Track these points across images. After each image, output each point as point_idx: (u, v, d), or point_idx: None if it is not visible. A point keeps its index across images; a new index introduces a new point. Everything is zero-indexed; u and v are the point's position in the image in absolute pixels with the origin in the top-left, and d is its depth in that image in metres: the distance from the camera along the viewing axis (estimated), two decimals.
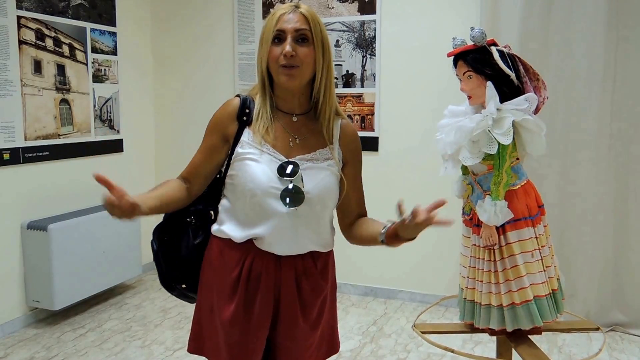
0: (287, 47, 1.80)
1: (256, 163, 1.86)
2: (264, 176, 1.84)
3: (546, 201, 4.20)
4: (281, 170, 1.85)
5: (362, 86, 4.90)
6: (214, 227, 1.98)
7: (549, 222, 4.17)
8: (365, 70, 4.88)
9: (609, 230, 4.23)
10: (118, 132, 5.17)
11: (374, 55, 4.84)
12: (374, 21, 4.81)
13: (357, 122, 4.90)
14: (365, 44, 4.85)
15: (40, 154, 4.39)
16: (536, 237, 2.50)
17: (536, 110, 2.54)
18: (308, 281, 1.95)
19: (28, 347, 3.98)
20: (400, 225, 1.75)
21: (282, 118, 1.93)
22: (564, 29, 4.19)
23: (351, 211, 2.02)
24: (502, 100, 2.44)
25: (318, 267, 1.98)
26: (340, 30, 4.91)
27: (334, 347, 2.14)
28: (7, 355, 3.87)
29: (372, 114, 4.88)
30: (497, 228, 2.46)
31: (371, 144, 4.85)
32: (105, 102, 5.02)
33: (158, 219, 2.07)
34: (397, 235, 1.79)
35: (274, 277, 1.90)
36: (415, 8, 4.69)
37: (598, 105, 4.15)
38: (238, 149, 1.90)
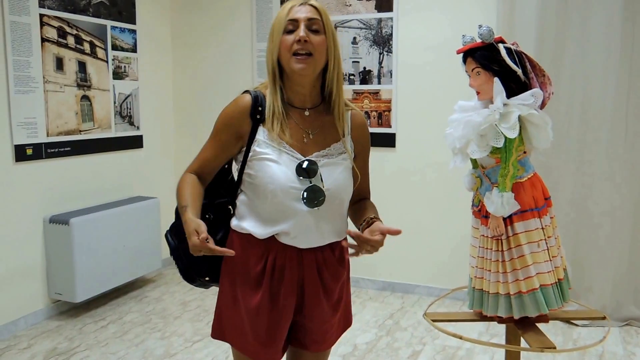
0: (301, 32, 1.84)
1: (276, 164, 1.89)
2: (284, 177, 1.87)
3: (563, 197, 4.25)
4: (299, 170, 1.88)
5: (379, 83, 4.94)
6: (234, 222, 2.01)
7: (566, 217, 4.24)
8: (382, 67, 4.92)
9: (626, 225, 4.23)
10: (138, 128, 5.25)
11: (391, 52, 4.87)
12: (391, 18, 4.84)
13: (374, 118, 4.94)
14: (382, 41, 4.89)
15: (62, 149, 4.47)
16: (542, 228, 2.54)
17: (542, 105, 2.58)
18: (328, 269, 2.01)
19: (51, 338, 4.07)
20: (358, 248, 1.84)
21: (294, 113, 1.96)
22: (580, 26, 4.19)
23: (353, 195, 2.06)
24: (509, 96, 2.49)
25: (336, 255, 2.04)
26: (357, 28, 4.95)
27: (348, 322, 2.23)
28: (31, 346, 3.96)
29: (389, 111, 4.92)
30: (504, 219, 2.51)
31: (388, 140, 4.88)
32: (125, 98, 5.10)
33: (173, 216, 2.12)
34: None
35: (297, 269, 1.96)
36: (432, 5, 4.72)
37: (613, 104, 4.16)
38: (255, 148, 1.92)
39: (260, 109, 1.94)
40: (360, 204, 2.08)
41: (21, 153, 4.15)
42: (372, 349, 3.92)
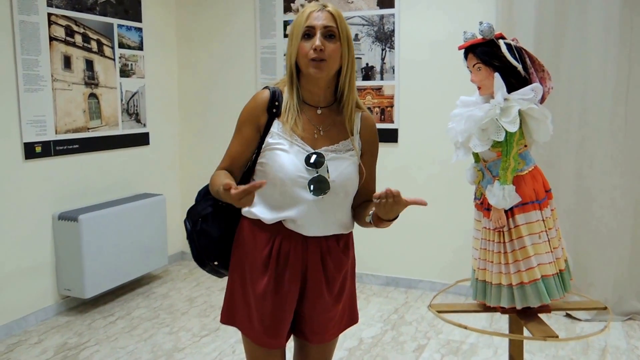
0: (317, 41, 1.95)
1: (286, 154, 2.00)
2: (293, 166, 1.99)
3: (564, 190, 4.28)
4: (307, 161, 1.99)
5: (382, 79, 4.99)
6: (245, 209, 2.12)
7: (567, 212, 4.27)
8: (385, 63, 4.96)
9: (627, 219, 4.28)
10: (144, 125, 5.30)
11: (393, 49, 4.91)
12: (393, 15, 4.88)
13: (376, 114, 4.98)
14: (385, 38, 4.93)
15: (71, 147, 4.53)
16: (543, 220, 2.60)
17: (542, 100, 2.64)
18: (332, 258, 2.11)
19: (61, 333, 4.13)
20: (377, 206, 1.86)
21: (307, 110, 2.08)
22: (579, 21, 4.23)
23: (359, 196, 2.15)
24: (509, 91, 2.55)
25: (340, 245, 2.14)
26: (359, 24, 4.99)
27: (353, 319, 2.31)
28: (41, 341, 4.02)
29: (392, 106, 4.96)
30: (505, 211, 2.56)
31: (391, 136, 4.93)
32: (132, 96, 5.16)
33: (190, 202, 2.22)
34: (378, 217, 1.93)
35: (301, 255, 2.06)
36: (432, 2, 4.77)
37: (613, 98, 4.19)
38: (268, 139, 2.04)
39: (277, 103, 2.07)
40: (366, 204, 2.14)
41: (30, 151, 4.20)
42: (377, 343, 3.98)
